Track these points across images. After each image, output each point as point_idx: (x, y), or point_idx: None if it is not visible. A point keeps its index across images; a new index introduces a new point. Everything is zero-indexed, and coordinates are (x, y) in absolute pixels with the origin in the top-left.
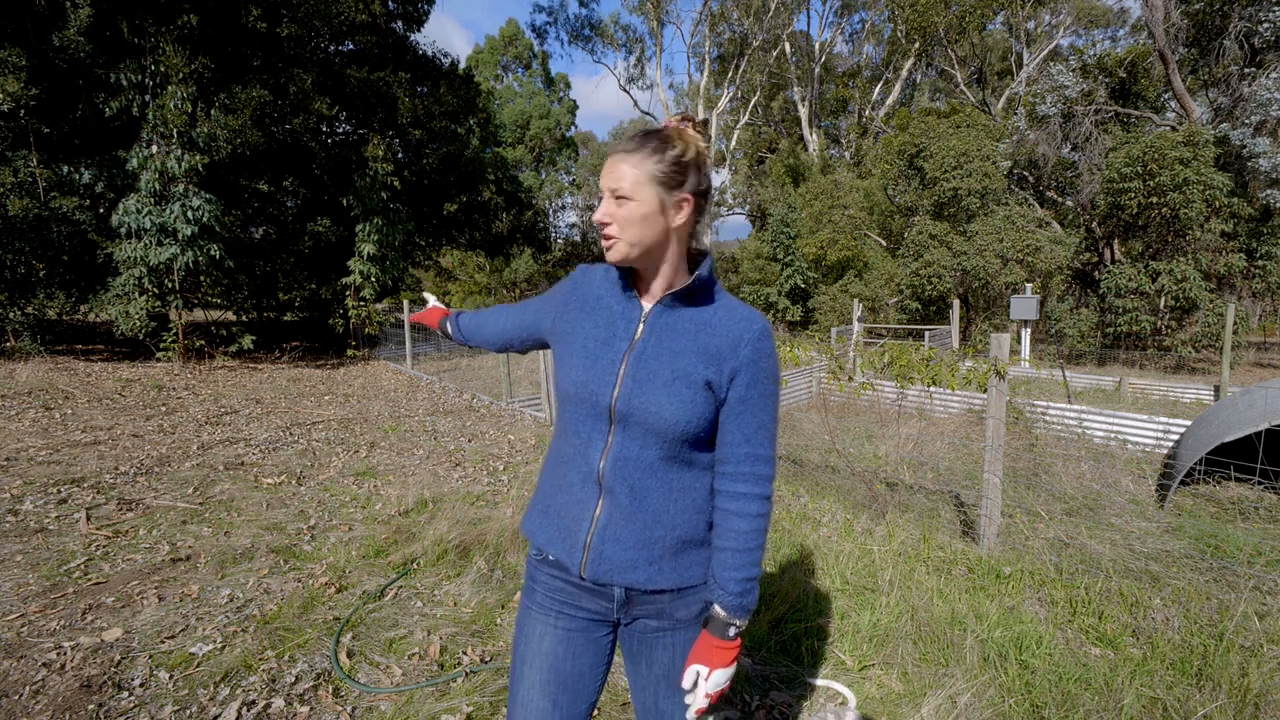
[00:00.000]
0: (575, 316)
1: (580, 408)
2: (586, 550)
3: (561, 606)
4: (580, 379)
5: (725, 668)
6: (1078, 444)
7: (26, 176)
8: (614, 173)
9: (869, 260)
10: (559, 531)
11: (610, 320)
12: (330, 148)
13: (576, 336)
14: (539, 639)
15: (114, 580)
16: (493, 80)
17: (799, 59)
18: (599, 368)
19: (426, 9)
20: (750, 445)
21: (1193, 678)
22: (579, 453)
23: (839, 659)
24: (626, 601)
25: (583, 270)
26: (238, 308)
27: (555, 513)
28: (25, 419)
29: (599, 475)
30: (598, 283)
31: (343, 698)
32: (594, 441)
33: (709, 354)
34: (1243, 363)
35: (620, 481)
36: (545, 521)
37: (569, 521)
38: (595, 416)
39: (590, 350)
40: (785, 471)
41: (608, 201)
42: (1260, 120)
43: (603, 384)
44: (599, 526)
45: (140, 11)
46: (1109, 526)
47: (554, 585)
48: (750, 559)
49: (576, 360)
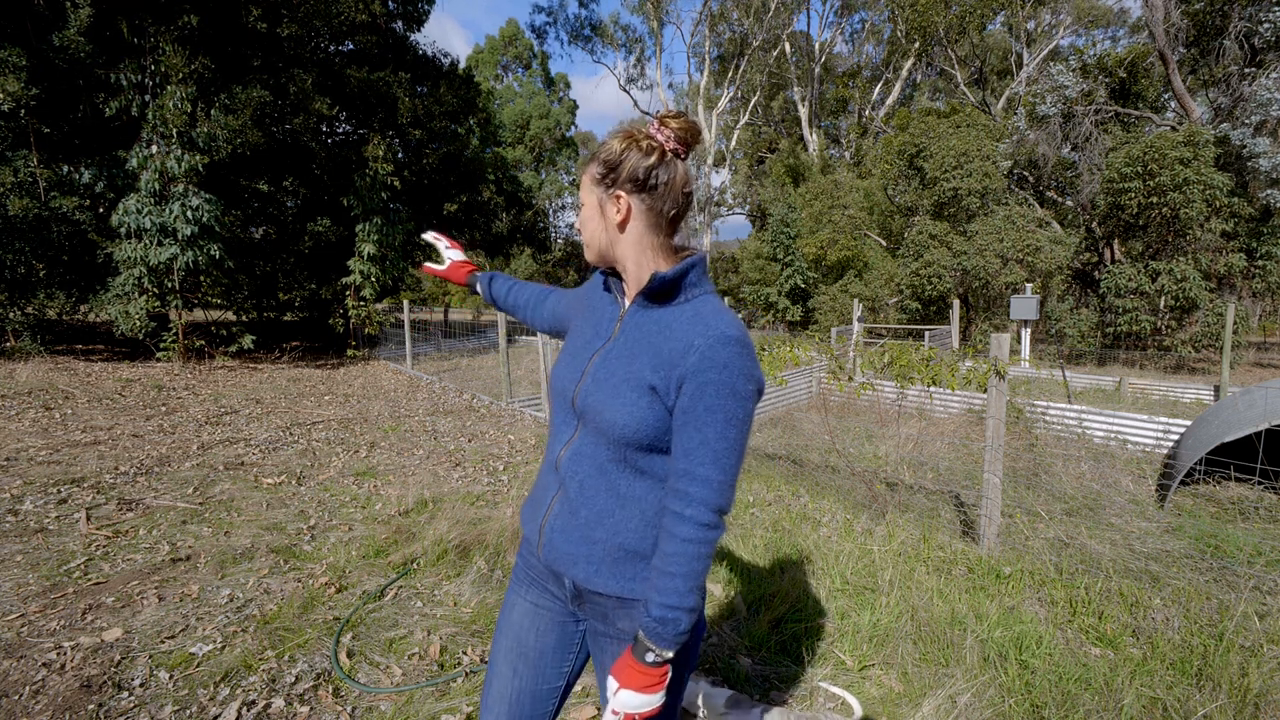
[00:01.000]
0: (578, 315)
1: (558, 400)
2: (542, 533)
3: (532, 582)
4: (558, 372)
5: (637, 692)
6: (1078, 444)
7: (26, 176)
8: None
9: (869, 260)
10: (531, 511)
11: (597, 320)
12: (330, 148)
13: (573, 334)
14: (510, 608)
15: (114, 580)
16: (493, 80)
17: (799, 59)
18: (574, 364)
19: (426, 9)
20: (687, 461)
21: (1193, 678)
22: (553, 441)
23: (839, 659)
24: (577, 595)
25: (597, 276)
26: (238, 308)
27: (533, 494)
28: (25, 419)
29: (558, 470)
30: (597, 285)
31: (343, 698)
32: (561, 433)
33: (660, 358)
34: (1243, 363)
35: (571, 476)
36: (529, 500)
37: (537, 503)
38: (566, 409)
39: (573, 348)
40: (785, 471)
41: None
42: (1260, 120)
43: (570, 380)
44: (552, 514)
45: (140, 11)
46: (1109, 526)
47: (530, 561)
48: (672, 585)
49: (563, 355)
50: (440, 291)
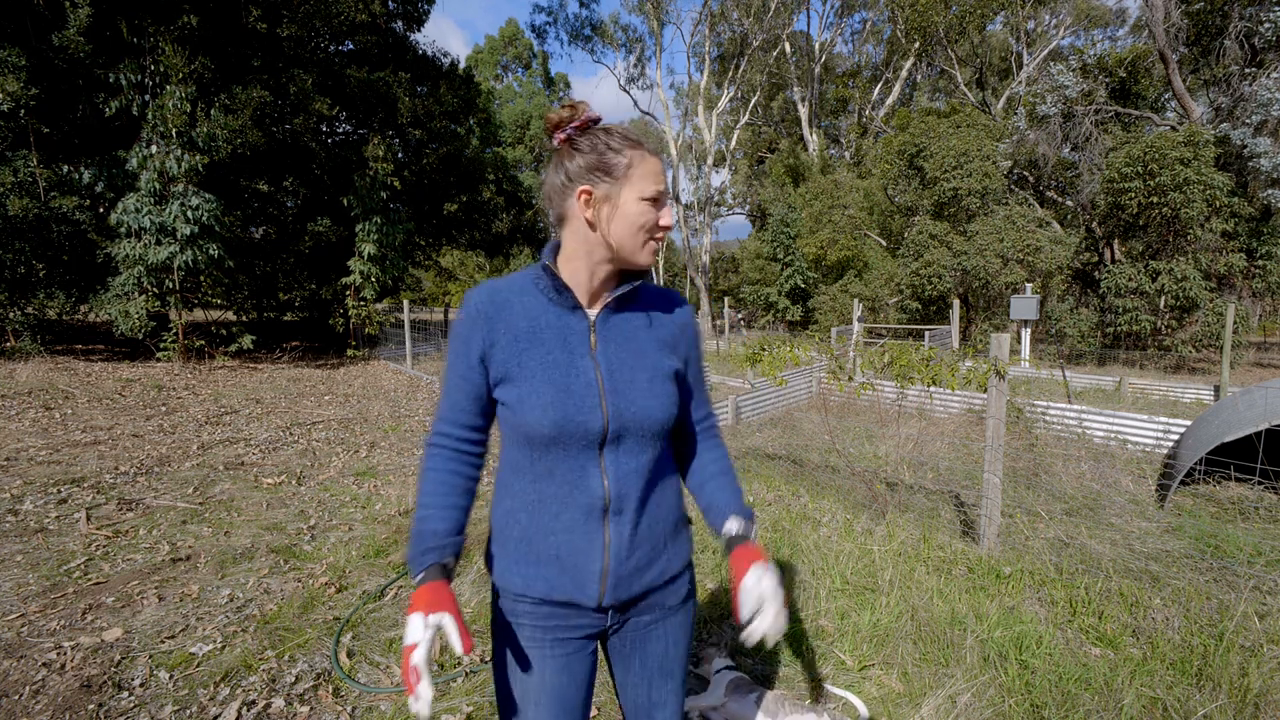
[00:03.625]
0: (516, 351)
1: (566, 445)
2: (604, 580)
3: (556, 634)
4: (559, 417)
5: (767, 567)
6: (1078, 444)
7: (26, 176)
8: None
9: (869, 260)
10: (563, 574)
11: (562, 340)
12: (330, 148)
13: (531, 372)
14: (539, 674)
15: (114, 580)
16: (493, 80)
17: (799, 59)
18: (577, 397)
19: (426, 9)
20: (703, 408)
21: (1193, 678)
22: (570, 490)
23: (839, 659)
24: (629, 604)
25: (484, 298)
26: (238, 308)
27: (551, 557)
28: (25, 419)
29: (605, 501)
30: (515, 305)
31: (343, 698)
32: (588, 471)
33: (667, 345)
34: (1243, 363)
35: (628, 499)
36: (540, 569)
37: (576, 560)
38: (584, 446)
39: (558, 380)
40: (785, 471)
41: (670, 210)
42: (1261, 120)
43: (589, 411)
44: (613, 552)
45: (140, 11)
46: (1109, 526)
47: (546, 616)
48: (739, 487)
49: (544, 397)
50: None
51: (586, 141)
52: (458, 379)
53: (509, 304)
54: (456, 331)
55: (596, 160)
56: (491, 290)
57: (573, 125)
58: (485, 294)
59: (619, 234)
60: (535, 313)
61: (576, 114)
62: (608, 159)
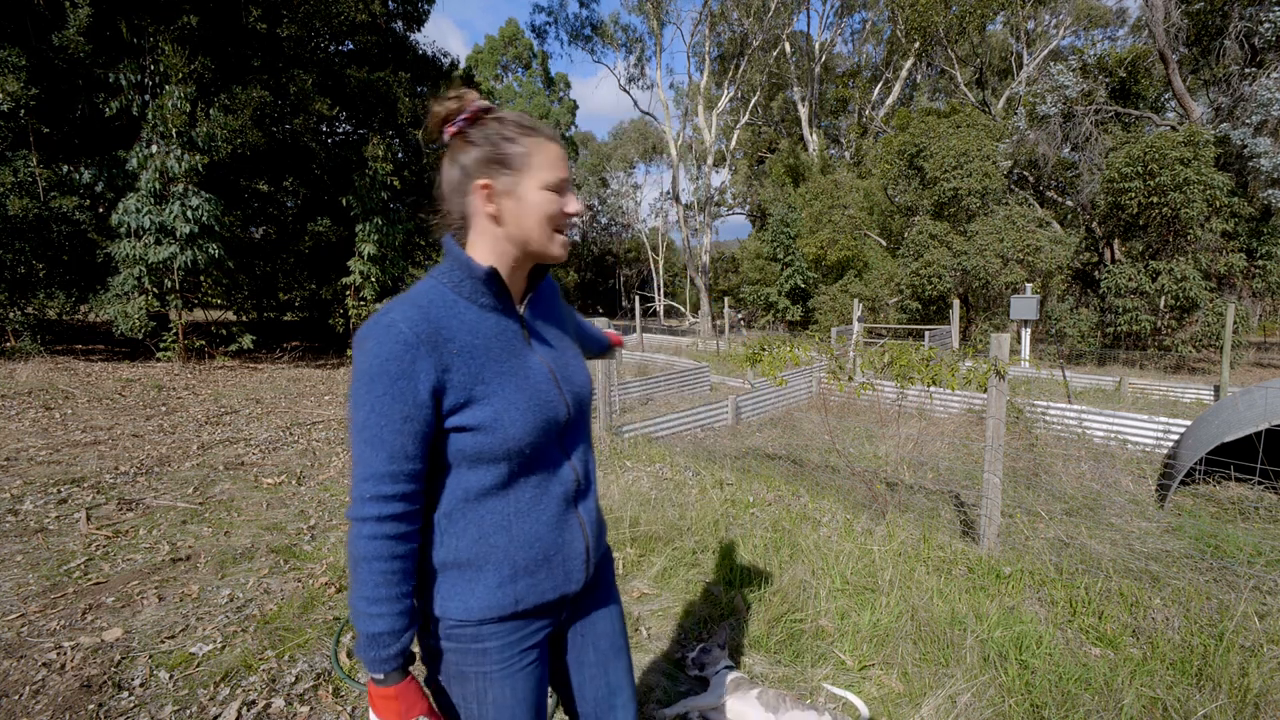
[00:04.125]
0: (474, 369)
1: (541, 446)
2: (588, 560)
3: (522, 645)
4: (539, 420)
5: None
6: (1078, 444)
7: (26, 176)
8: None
9: (869, 260)
10: (553, 573)
11: (507, 346)
12: (330, 148)
13: (497, 385)
14: (513, 691)
15: (114, 580)
16: (493, 80)
17: (799, 59)
18: (543, 394)
19: (426, 9)
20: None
21: (1193, 678)
22: (547, 487)
23: (839, 659)
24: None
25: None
26: (238, 308)
27: (540, 562)
28: (25, 419)
29: (578, 484)
30: (451, 321)
31: (343, 698)
32: (559, 462)
33: (567, 312)
34: (1243, 363)
35: (590, 475)
36: (530, 579)
37: (565, 552)
38: (553, 440)
39: (523, 385)
40: (785, 471)
41: (575, 196)
42: (1261, 120)
43: (556, 404)
44: (589, 529)
45: (140, 11)
46: (1109, 526)
47: (512, 630)
48: None
49: (520, 406)
50: None
51: (479, 133)
52: (397, 423)
53: (444, 321)
54: (383, 369)
55: (492, 152)
56: (419, 310)
57: (462, 117)
58: (414, 315)
59: (526, 227)
60: (473, 324)
61: (465, 104)
62: (504, 150)
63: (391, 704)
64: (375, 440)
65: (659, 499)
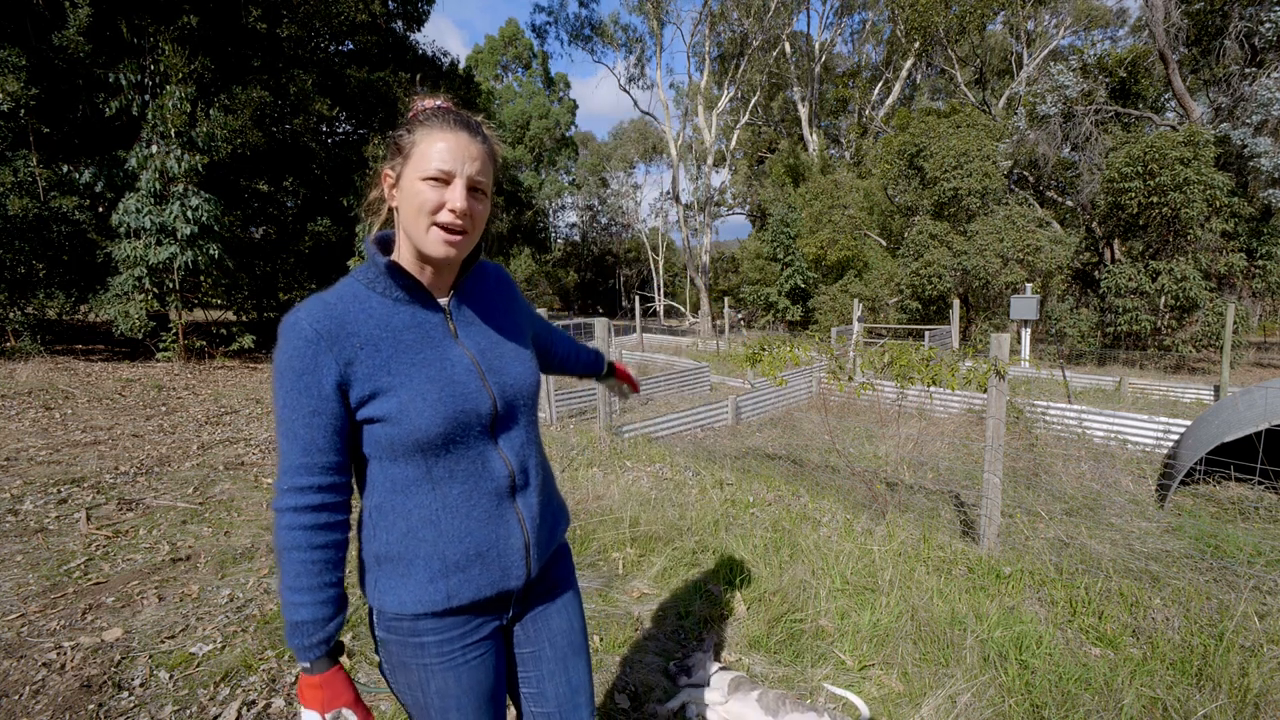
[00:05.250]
0: (381, 360)
1: (462, 438)
2: (528, 554)
3: (463, 639)
4: (451, 411)
5: None
6: (1078, 444)
7: (26, 176)
8: (472, 156)
9: (869, 260)
10: (487, 569)
11: (422, 338)
12: (330, 148)
13: (405, 376)
14: (459, 684)
15: (114, 580)
16: (493, 80)
17: (799, 59)
18: (460, 385)
19: (426, 9)
20: (565, 343)
21: (1193, 678)
22: (476, 482)
23: (839, 659)
24: (525, 588)
25: (318, 316)
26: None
27: (473, 558)
28: (25, 419)
29: (511, 479)
30: (358, 315)
31: None
32: (488, 456)
33: (514, 313)
34: (1243, 363)
35: (529, 469)
36: (462, 574)
37: (499, 548)
38: (479, 434)
39: (436, 376)
40: (785, 471)
41: (463, 192)
42: (1261, 120)
43: (476, 397)
44: (529, 524)
45: (140, 11)
46: (1109, 526)
47: (451, 626)
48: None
49: (429, 397)
50: None
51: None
52: (306, 416)
53: (349, 316)
54: (289, 365)
55: (393, 141)
56: (324, 306)
57: (410, 116)
58: (318, 311)
59: (405, 219)
60: (383, 317)
61: (415, 104)
62: (399, 139)
63: (316, 692)
64: (289, 434)
65: (659, 499)
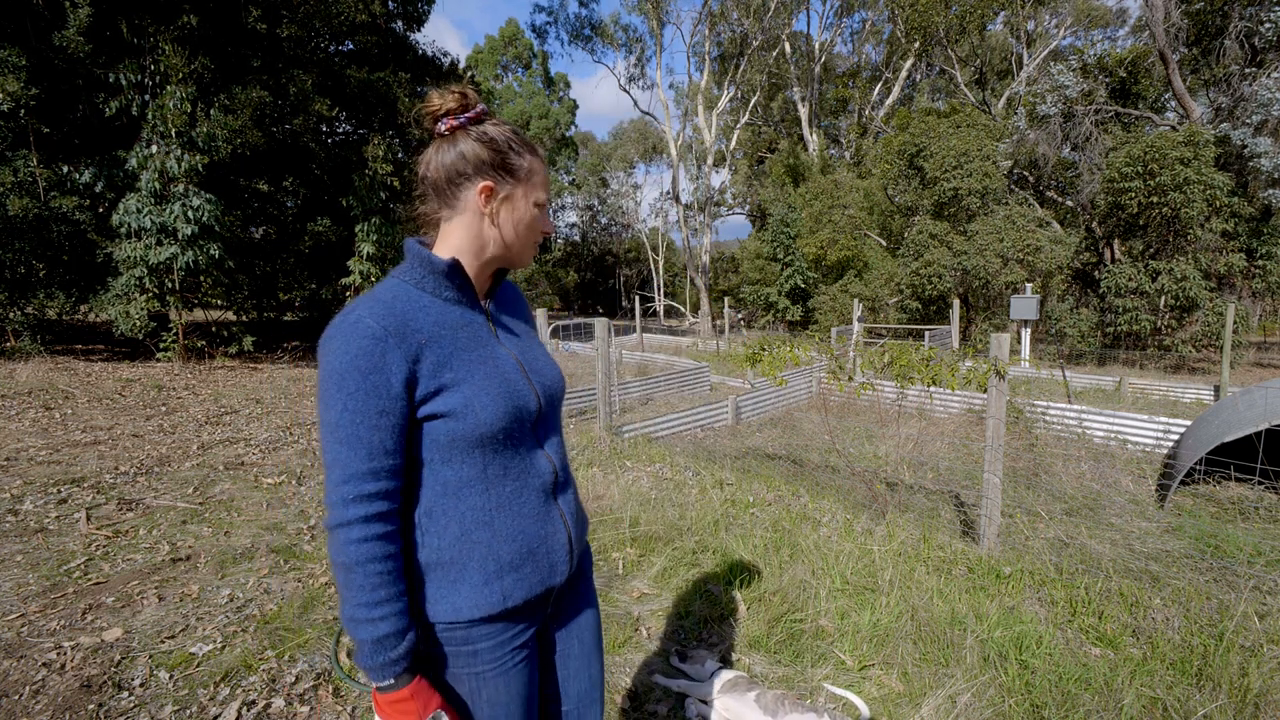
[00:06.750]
0: (445, 356)
1: (515, 435)
2: (571, 551)
3: (512, 643)
4: (511, 405)
5: None
6: (1078, 444)
7: (26, 176)
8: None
9: (869, 260)
10: (538, 567)
11: (473, 337)
12: (330, 148)
13: (468, 371)
14: (509, 690)
15: (114, 580)
16: (493, 80)
17: (799, 59)
18: (513, 382)
19: (426, 9)
20: None
21: (1193, 678)
22: (525, 479)
23: (839, 659)
24: (562, 584)
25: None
26: (238, 308)
27: (525, 555)
28: (25, 419)
29: (555, 478)
30: (417, 315)
31: (343, 698)
32: (535, 454)
33: (529, 320)
34: (1243, 363)
35: (565, 468)
36: (516, 574)
37: (548, 545)
38: (527, 431)
39: (493, 372)
40: (785, 471)
41: (546, 212)
42: (1261, 120)
43: (526, 394)
44: (570, 521)
45: (140, 11)
46: (1109, 526)
47: (502, 629)
48: None
49: (492, 390)
50: None
51: (488, 134)
52: (373, 418)
53: (410, 313)
54: (353, 365)
55: (501, 159)
56: (384, 304)
57: (466, 115)
58: (380, 309)
59: (514, 235)
60: (438, 315)
61: (469, 103)
62: (512, 160)
63: (408, 704)
64: (351, 439)
65: (659, 499)
